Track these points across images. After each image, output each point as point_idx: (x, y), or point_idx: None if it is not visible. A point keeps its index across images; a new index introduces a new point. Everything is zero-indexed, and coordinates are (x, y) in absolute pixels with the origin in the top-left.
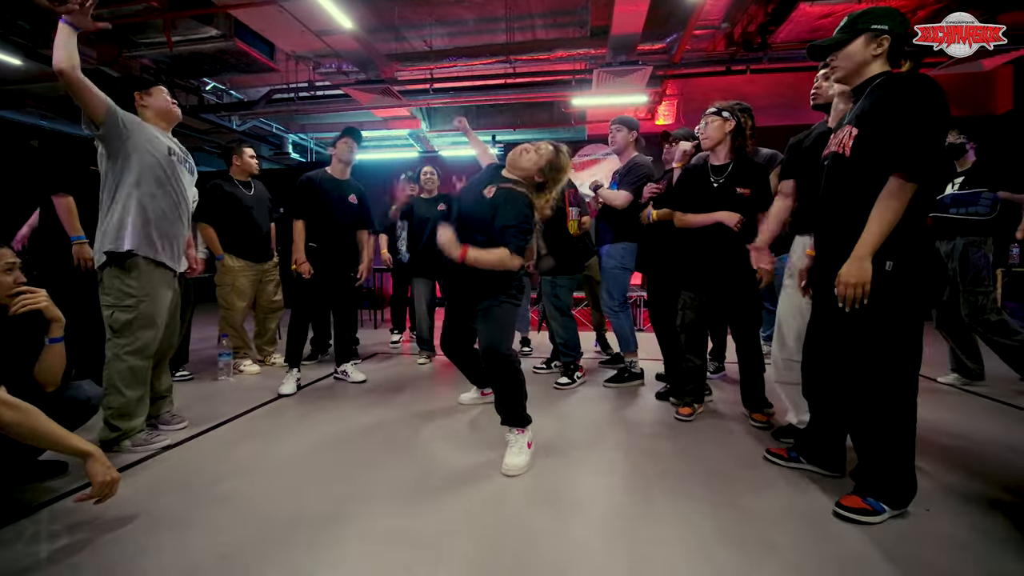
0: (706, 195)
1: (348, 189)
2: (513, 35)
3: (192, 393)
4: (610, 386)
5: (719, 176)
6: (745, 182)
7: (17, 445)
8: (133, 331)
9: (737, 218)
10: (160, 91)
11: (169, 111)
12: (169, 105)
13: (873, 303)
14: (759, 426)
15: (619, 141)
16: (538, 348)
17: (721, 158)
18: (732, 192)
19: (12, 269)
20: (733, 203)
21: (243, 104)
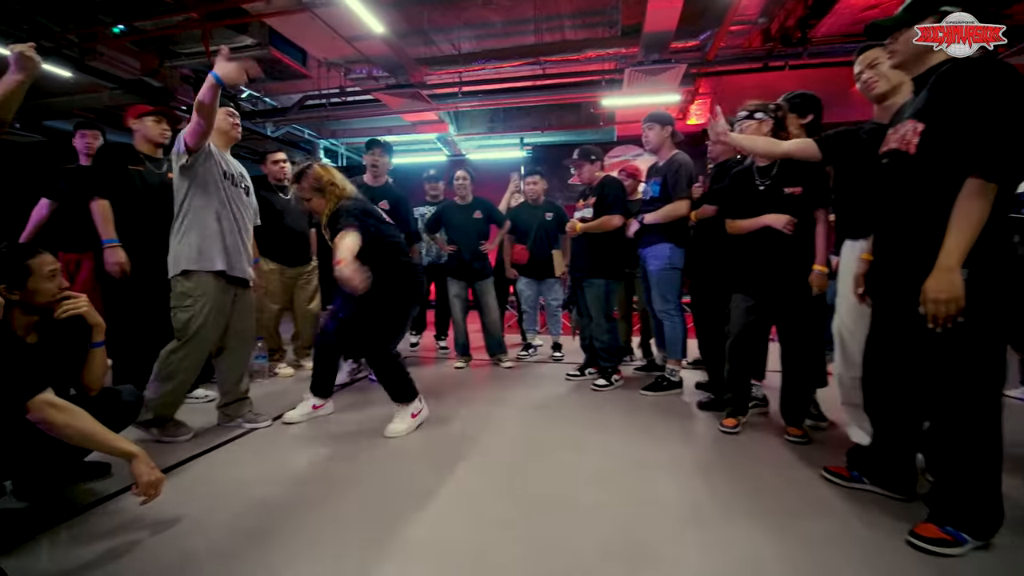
0: (753, 199)
1: (379, 196)
2: (542, 36)
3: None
4: (647, 394)
5: (765, 178)
6: (795, 181)
7: (65, 446)
8: (192, 330)
9: (786, 220)
10: (223, 112)
11: (229, 131)
12: (230, 125)
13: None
14: (795, 441)
15: (653, 139)
16: (570, 353)
17: (765, 159)
18: (779, 193)
19: (55, 275)
20: (782, 204)
21: (277, 111)
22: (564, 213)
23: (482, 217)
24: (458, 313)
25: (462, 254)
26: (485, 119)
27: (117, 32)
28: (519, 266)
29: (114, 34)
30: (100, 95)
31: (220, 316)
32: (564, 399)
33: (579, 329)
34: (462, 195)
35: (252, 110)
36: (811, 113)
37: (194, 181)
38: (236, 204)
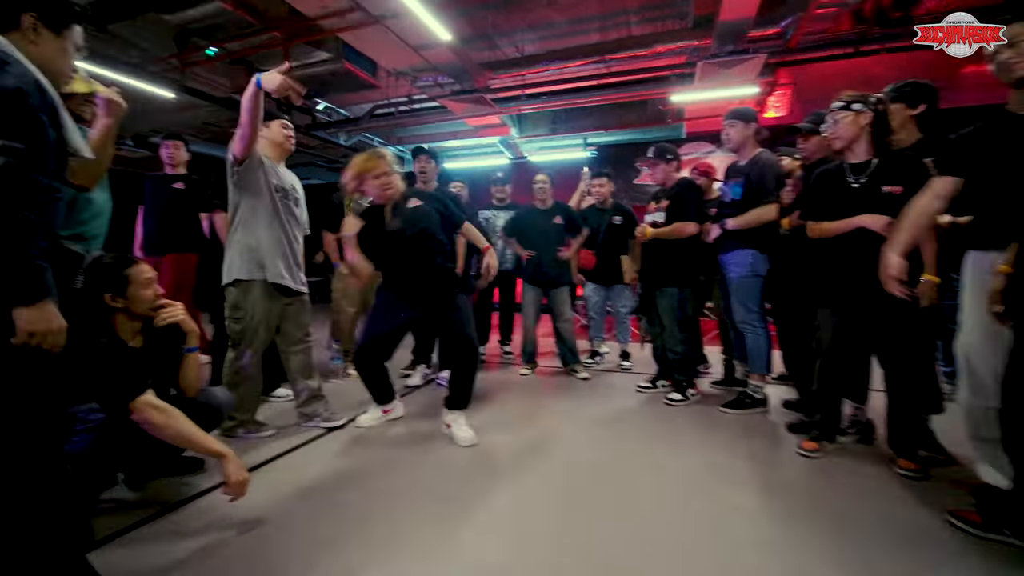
0: (845, 199)
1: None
2: (607, 34)
3: None
4: (727, 412)
5: (860, 175)
6: (895, 179)
7: (166, 443)
8: (244, 338)
9: (885, 221)
10: (278, 124)
11: (283, 144)
12: (284, 137)
13: None
14: (908, 475)
15: (735, 137)
16: (639, 363)
17: (860, 155)
18: (877, 192)
19: (151, 283)
20: (880, 205)
21: (349, 121)
22: (633, 216)
23: (562, 222)
24: (530, 320)
25: (540, 259)
26: (547, 120)
27: (211, 54)
28: (585, 271)
29: (208, 56)
30: (197, 112)
31: (270, 325)
32: (635, 413)
33: (650, 338)
34: (542, 199)
35: (327, 121)
36: (923, 103)
37: (245, 193)
38: (286, 216)
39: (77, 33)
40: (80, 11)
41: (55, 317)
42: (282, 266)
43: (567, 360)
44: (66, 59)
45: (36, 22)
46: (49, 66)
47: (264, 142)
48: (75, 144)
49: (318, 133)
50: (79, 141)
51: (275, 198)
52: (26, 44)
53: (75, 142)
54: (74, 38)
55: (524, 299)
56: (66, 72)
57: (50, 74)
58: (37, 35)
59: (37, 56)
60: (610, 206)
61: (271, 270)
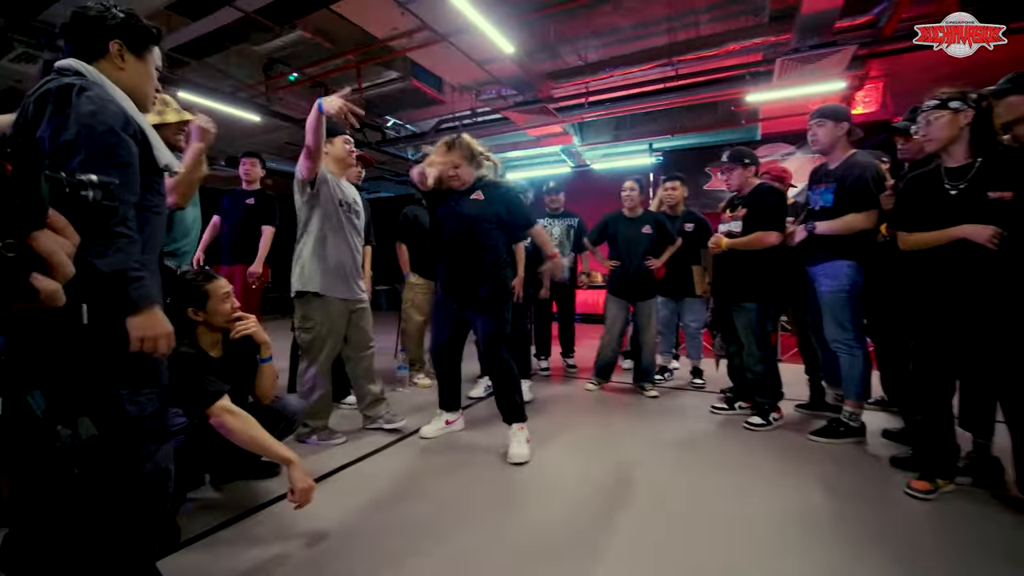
0: (942, 206)
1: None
2: (675, 35)
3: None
4: (818, 440)
5: (959, 180)
6: (1003, 183)
7: None
8: (315, 348)
9: (991, 232)
10: (341, 140)
11: (345, 159)
12: (347, 154)
13: None
14: None
15: (823, 138)
16: (712, 381)
17: (959, 158)
18: (981, 198)
19: (228, 297)
20: (985, 213)
21: (416, 135)
22: (707, 224)
23: (652, 232)
24: (614, 333)
25: (626, 270)
26: (610, 127)
27: (293, 79)
28: (657, 282)
29: (290, 81)
30: (280, 133)
31: (338, 334)
32: (711, 437)
33: (725, 354)
34: (630, 207)
35: (395, 137)
36: None
37: (313, 208)
38: (350, 229)
39: (156, 55)
40: (157, 33)
41: (161, 322)
42: (348, 278)
43: (639, 376)
44: (150, 81)
45: (122, 48)
46: (137, 89)
47: (327, 158)
48: (165, 161)
49: (387, 149)
50: (169, 157)
51: (340, 212)
52: (114, 70)
53: (164, 159)
54: (155, 60)
55: (607, 311)
56: (151, 93)
57: (137, 96)
58: (123, 61)
59: (125, 81)
60: (681, 212)
61: (339, 284)
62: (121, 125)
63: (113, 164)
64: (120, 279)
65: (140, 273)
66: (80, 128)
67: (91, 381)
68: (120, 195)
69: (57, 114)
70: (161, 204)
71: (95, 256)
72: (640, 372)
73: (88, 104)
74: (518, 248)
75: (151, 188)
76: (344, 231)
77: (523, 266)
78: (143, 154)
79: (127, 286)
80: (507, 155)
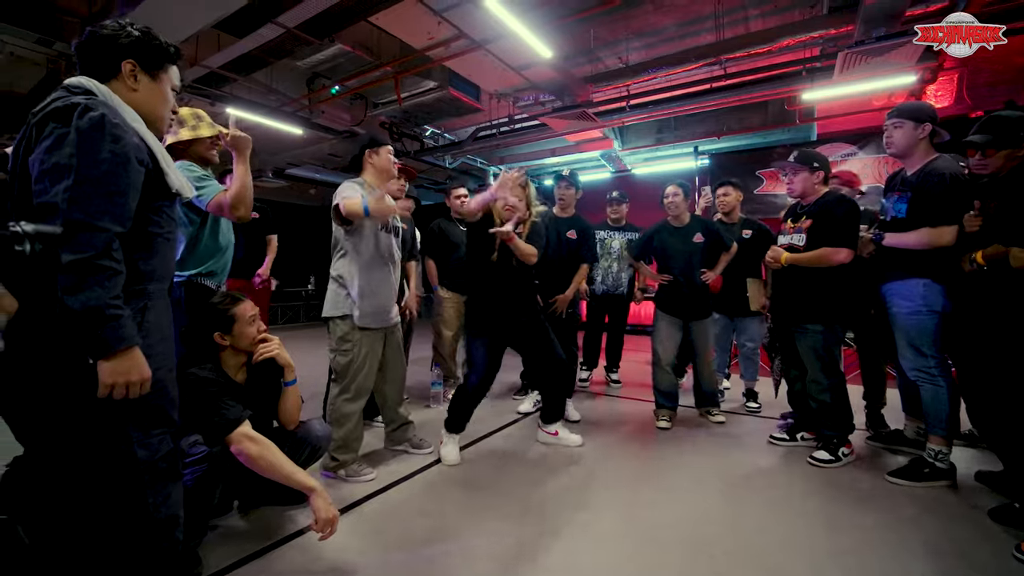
0: None
1: (566, 226)
2: (722, 33)
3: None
4: (899, 482)
5: None
6: None
7: None
8: (351, 373)
9: None
10: (387, 150)
11: (388, 169)
12: (390, 164)
13: None
14: None
15: (900, 141)
16: (769, 404)
17: None
18: None
19: (255, 320)
20: None
21: (454, 144)
22: (768, 231)
23: (704, 241)
24: (668, 355)
25: (679, 286)
26: (652, 131)
27: (334, 92)
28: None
29: (332, 94)
30: (322, 145)
31: (376, 359)
32: (771, 473)
33: (783, 377)
34: (676, 215)
35: (433, 146)
36: None
37: (354, 232)
38: (390, 252)
39: (174, 74)
40: (174, 52)
41: (138, 367)
42: (386, 307)
43: (701, 401)
44: (164, 102)
45: (135, 68)
46: (150, 111)
47: (371, 170)
48: (176, 186)
49: (426, 158)
50: (181, 183)
51: (378, 235)
52: (126, 91)
53: (175, 184)
54: (171, 79)
55: (658, 332)
56: (166, 116)
57: (151, 118)
58: (136, 81)
59: (138, 102)
60: (739, 219)
61: (379, 315)
62: (127, 148)
63: (103, 192)
64: (94, 317)
65: (118, 311)
66: (75, 150)
67: (98, 422)
68: (100, 223)
69: (53, 134)
70: (172, 230)
71: (65, 291)
72: (703, 396)
73: (90, 125)
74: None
75: (160, 213)
76: (384, 255)
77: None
78: (154, 179)
79: (101, 325)
80: (545, 161)
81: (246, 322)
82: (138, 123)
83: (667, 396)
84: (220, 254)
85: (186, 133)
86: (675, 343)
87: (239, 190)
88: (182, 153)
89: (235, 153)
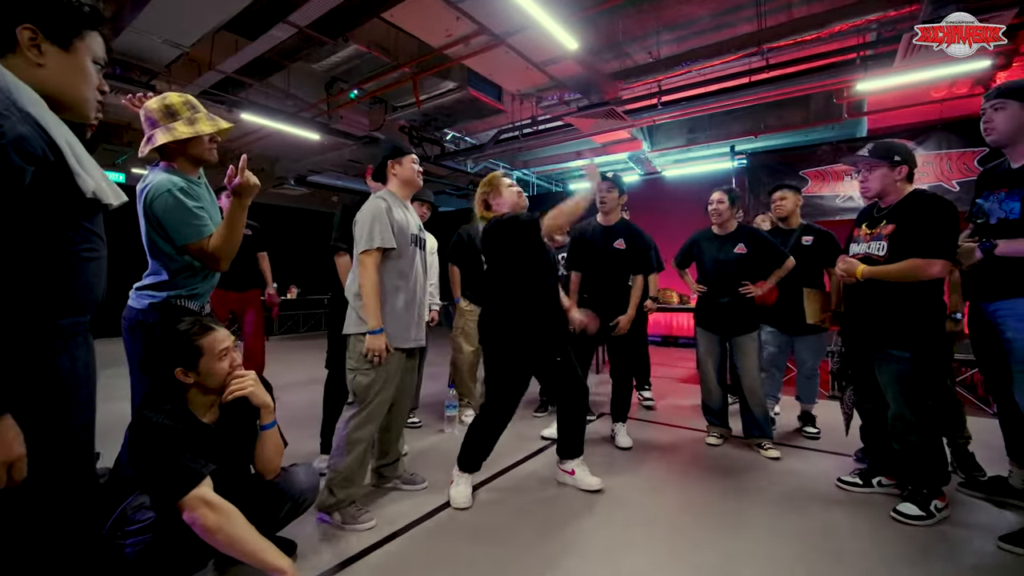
0: None
1: (613, 235)
2: (763, 21)
3: (417, 447)
4: (1012, 549)
5: None
6: None
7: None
8: (371, 395)
9: None
10: (410, 160)
11: (413, 180)
12: (414, 174)
13: None
14: None
15: (1004, 126)
16: (831, 432)
17: None
18: None
19: (227, 354)
20: None
21: (475, 148)
22: (832, 238)
23: (747, 252)
24: (710, 372)
25: (717, 297)
26: (684, 130)
27: (353, 96)
28: (764, 309)
29: (351, 98)
30: (342, 151)
31: (396, 381)
32: (842, 530)
33: (854, 410)
34: (719, 222)
35: (455, 150)
36: None
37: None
38: (419, 267)
39: (96, 43)
40: (90, 12)
41: (6, 443)
42: (411, 325)
43: (749, 429)
44: (85, 78)
45: (36, 37)
46: (64, 91)
47: (395, 181)
48: (91, 187)
49: (447, 163)
50: (98, 183)
51: (410, 251)
52: (29, 67)
53: (89, 186)
54: (93, 50)
55: (698, 348)
56: (88, 96)
57: (66, 100)
58: (41, 54)
59: (46, 80)
60: (798, 225)
61: (404, 334)
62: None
63: None
64: None
65: None
66: None
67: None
68: None
69: None
70: (94, 246)
71: None
72: (749, 423)
73: None
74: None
75: (73, 225)
76: (413, 270)
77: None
78: (57, 178)
79: None
80: (570, 164)
81: (215, 356)
82: (37, 106)
83: (714, 414)
84: (207, 273)
85: (183, 129)
86: (715, 360)
87: (226, 239)
88: (176, 152)
89: (238, 197)
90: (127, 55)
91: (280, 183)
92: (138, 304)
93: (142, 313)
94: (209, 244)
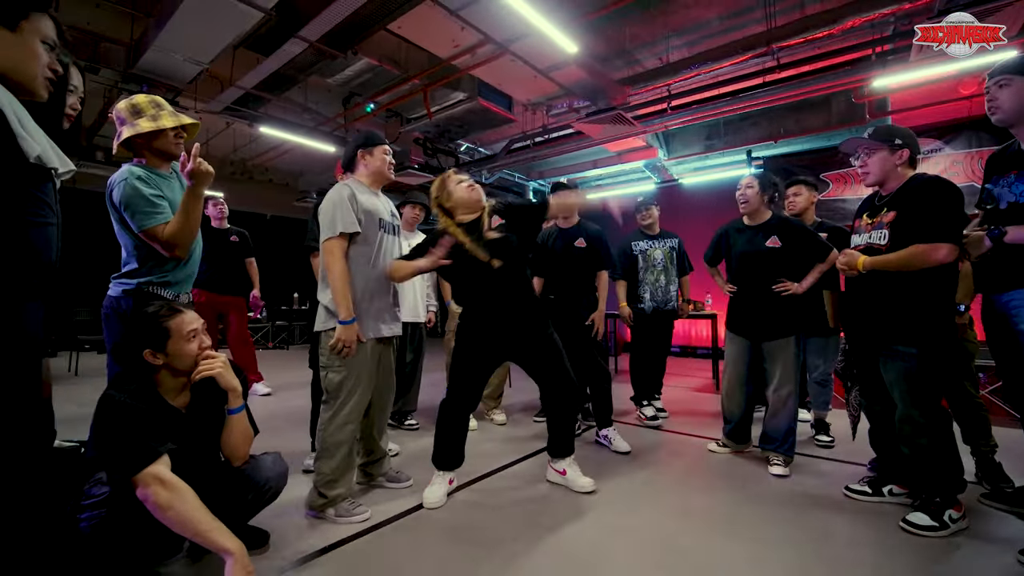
0: None
1: (572, 236)
2: (774, 22)
3: (411, 448)
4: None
5: None
6: None
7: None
8: (344, 392)
9: None
10: (382, 150)
11: (382, 171)
12: (385, 165)
13: None
14: None
15: (1008, 104)
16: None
17: None
18: None
19: (196, 335)
20: None
21: (488, 158)
22: (847, 236)
23: (781, 246)
24: (732, 379)
25: (747, 297)
26: (700, 137)
27: (369, 110)
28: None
29: (367, 111)
30: None
31: (372, 376)
32: (856, 544)
33: (862, 412)
34: (749, 211)
35: (469, 160)
36: None
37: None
38: (389, 256)
39: (45, 24)
40: None
41: None
42: (384, 314)
43: (764, 441)
44: (34, 57)
45: None
46: (14, 69)
47: (363, 171)
48: (36, 152)
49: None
50: (43, 148)
51: (379, 237)
52: None
53: (34, 150)
54: (41, 31)
55: (725, 352)
56: (36, 73)
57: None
58: None
59: None
60: (812, 223)
61: (376, 323)
62: None
63: None
64: None
65: None
66: None
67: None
68: None
69: None
70: (43, 212)
71: None
72: (767, 435)
73: None
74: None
75: (21, 191)
76: (381, 255)
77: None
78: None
79: None
80: (586, 174)
81: (183, 338)
82: None
83: (734, 430)
84: (181, 262)
85: (146, 124)
86: (739, 368)
87: (182, 226)
88: (143, 147)
89: (191, 184)
90: (152, 73)
91: (303, 196)
92: (114, 292)
93: (116, 301)
94: (165, 231)
